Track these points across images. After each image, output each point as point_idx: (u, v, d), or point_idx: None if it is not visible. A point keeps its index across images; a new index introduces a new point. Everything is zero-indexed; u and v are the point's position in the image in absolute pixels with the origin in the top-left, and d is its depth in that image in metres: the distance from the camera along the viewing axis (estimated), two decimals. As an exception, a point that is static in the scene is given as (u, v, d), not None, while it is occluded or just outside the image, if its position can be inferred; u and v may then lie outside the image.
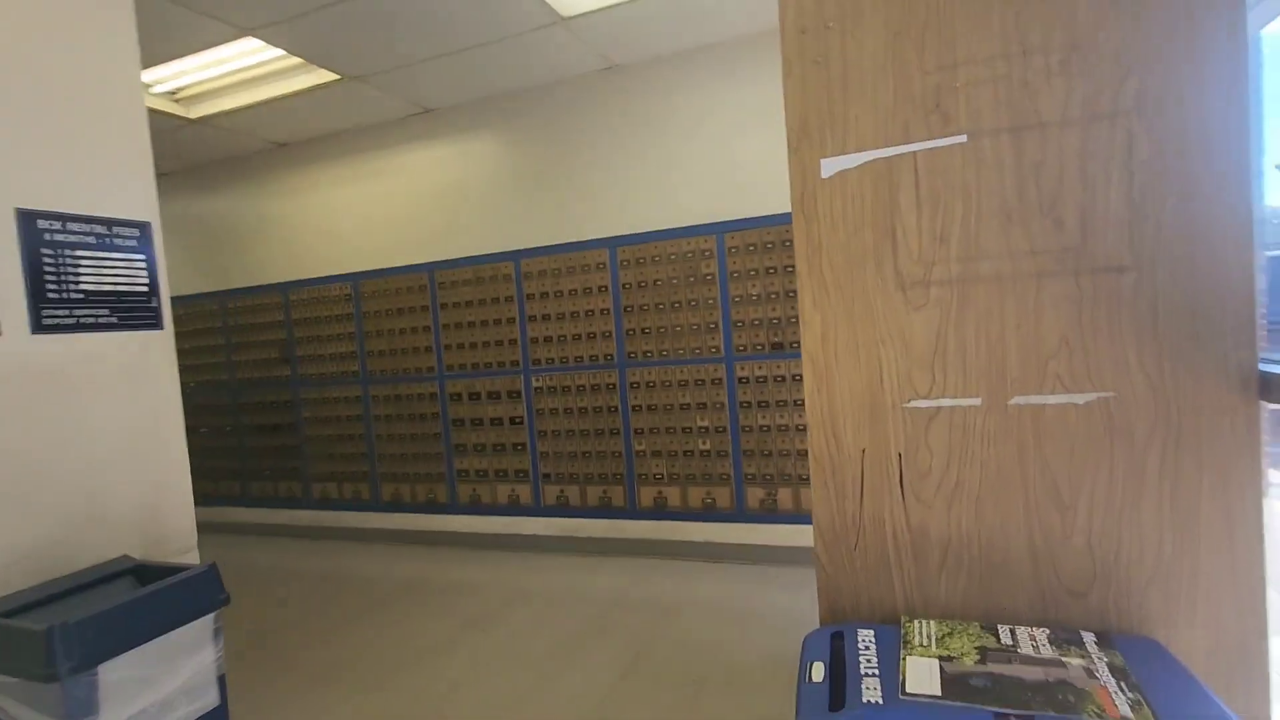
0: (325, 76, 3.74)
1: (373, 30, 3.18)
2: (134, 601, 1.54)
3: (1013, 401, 1.05)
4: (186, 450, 2.08)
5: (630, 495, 3.91)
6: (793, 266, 3.44)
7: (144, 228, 1.99)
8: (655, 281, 3.76)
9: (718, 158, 3.63)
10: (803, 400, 3.55)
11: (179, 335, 5.40)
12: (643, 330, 3.80)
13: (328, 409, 4.74)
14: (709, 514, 3.74)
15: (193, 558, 2.06)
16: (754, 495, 3.65)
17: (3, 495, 1.65)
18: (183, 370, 5.31)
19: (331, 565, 4.25)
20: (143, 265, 1.98)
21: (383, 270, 4.48)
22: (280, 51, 3.52)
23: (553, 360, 4.01)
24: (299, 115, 4.22)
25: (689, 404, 3.73)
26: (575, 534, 4.05)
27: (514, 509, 4.21)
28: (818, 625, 1.27)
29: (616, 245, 3.83)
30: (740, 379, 3.62)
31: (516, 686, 2.57)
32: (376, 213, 4.53)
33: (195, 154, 4.88)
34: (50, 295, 1.77)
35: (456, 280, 4.24)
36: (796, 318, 3.55)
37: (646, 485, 3.86)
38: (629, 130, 3.80)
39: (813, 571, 1.22)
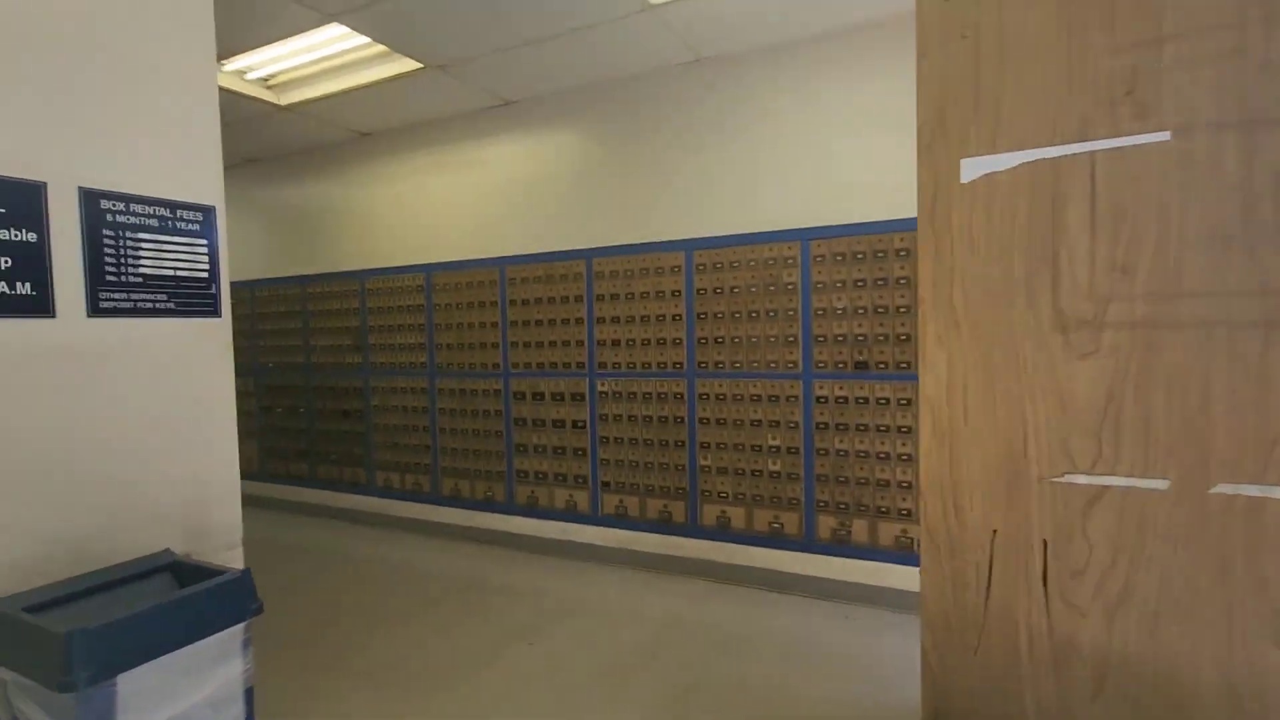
0: (408, 65, 3.70)
1: (456, 17, 3.09)
2: (160, 608, 1.46)
3: (1216, 490, 0.79)
4: (236, 444, 2.01)
5: (692, 512, 3.70)
6: (886, 280, 3.14)
7: (208, 212, 1.94)
8: (732, 288, 3.52)
9: (806, 159, 3.37)
10: (887, 426, 3.26)
11: (262, 317, 5.61)
12: (715, 339, 3.58)
13: (395, 398, 4.74)
14: (775, 539, 3.49)
15: (237, 554, 2.00)
16: (825, 524, 3.37)
17: (48, 482, 1.60)
18: (263, 351, 5.49)
19: (388, 554, 4.24)
20: (204, 250, 1.93)
21: (455, 263, 4.43)
22: (365, 39, 3.49)
23: (619, 365, 3.85)
24: (382, 105, 4.22)
25: (760, 420, 3.48)
26: (632, 547, 3.88)
27: (571, 515, 4.07)
28: (899, 692, 1.03)
29: (693, 248, 3.62)
30: (818, 398, 3.34)
31: (557, 710, 2.42)
32: (452, 205, 4.49)
33: (285, 141, 4.99)
34: (109, 278, 1.72)
35: (527, 277, 4.14)
36: (885, 336, 3.26)
37: (710, 503, 3.64)
38: (713, 127, 3.58)
39: (892, 616, 0.98)
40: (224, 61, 3.73)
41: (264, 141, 5.00)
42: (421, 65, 3.67)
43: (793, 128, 3.39)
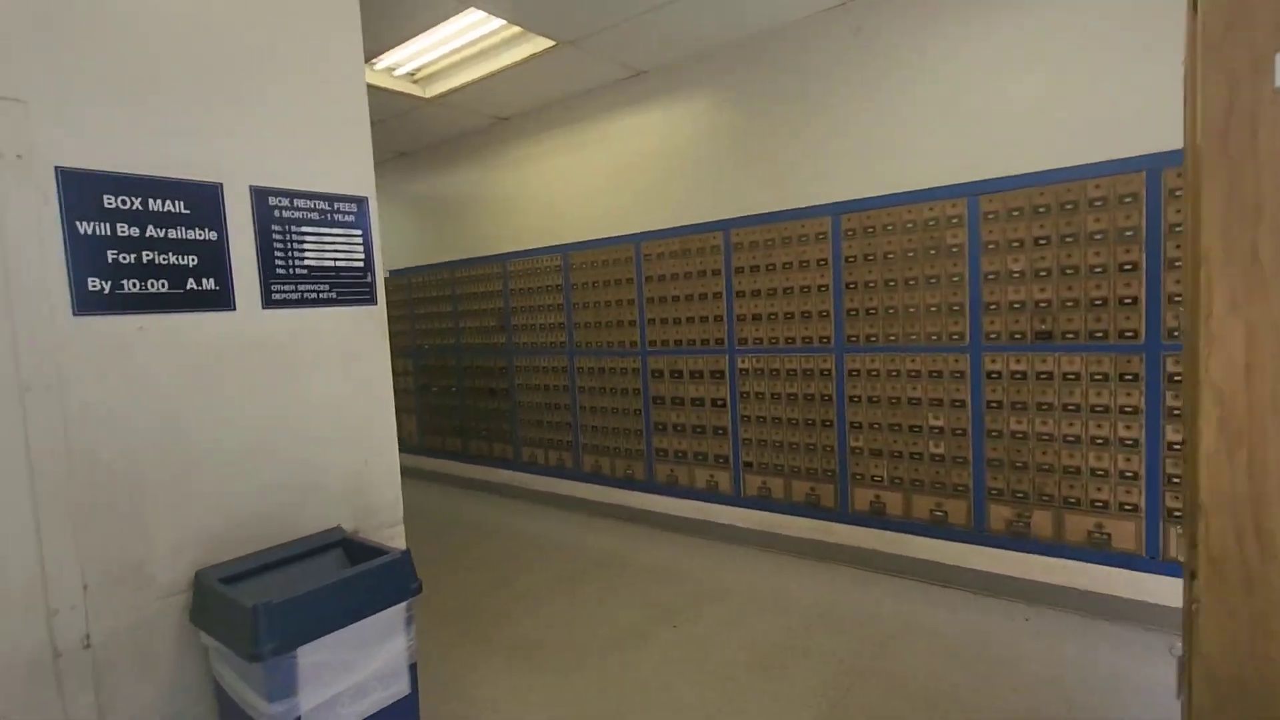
0: (541, 44, 3.69)
1: (586, -13, 3.02)
2: (334, 585, 1.52)
3: None
4: (394, 425, 2.09)
5: (842, 496, 3.46)
6: (1075, 236, 2.71)
7: (361, 203, 2.00)
8: (886, 254, 3.21)
9: (973, 103, 2.96)
10: (1077, 405, 2.83)
11: (417, 301, 5.98)
12: (867, 311, 3.29)
13: (537, 377, 4.87)
14: (938, 529, 3.18)
15: (398, 532, 2.09)
16: (999, 514, 3.01)
17: (233, 464, 1.74)
18: (419, 334, 5.86)
19: (534, 528, 4.39)
20: (359, 240, 2.00)
21: (591, 241, 4.43)
22: (500, 21, 3.52)
23: (761, 340, 3.66)
24: (518, 87, 4.26)
25: (919, 399, 3.17)
26: (777, 530, 3.72)
27: (712, 495, 3.98)
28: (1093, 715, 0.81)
29: (840, 212, 3.33)
30: (990, 373, 2.97)
31: (705, 702, 2.34)
32: (587, 183, 4.48)
33: (432, 133, 5.22)
34: (279, 271, 1.82)
35: (663, 252, 4.05)
36: (1074, 301, 2.82)
37: (862, 486, 3.39)
38: (861, 77, 3.25)
39: (1079, 621, 0.76)
40: (374, 60, 3.92)
41: (413, 135, 5.26)
42: (554, 43, 3.64)
43: (956, 68, 2.99)
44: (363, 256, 2.01)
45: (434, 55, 3.98)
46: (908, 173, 3.14)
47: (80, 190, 1.49)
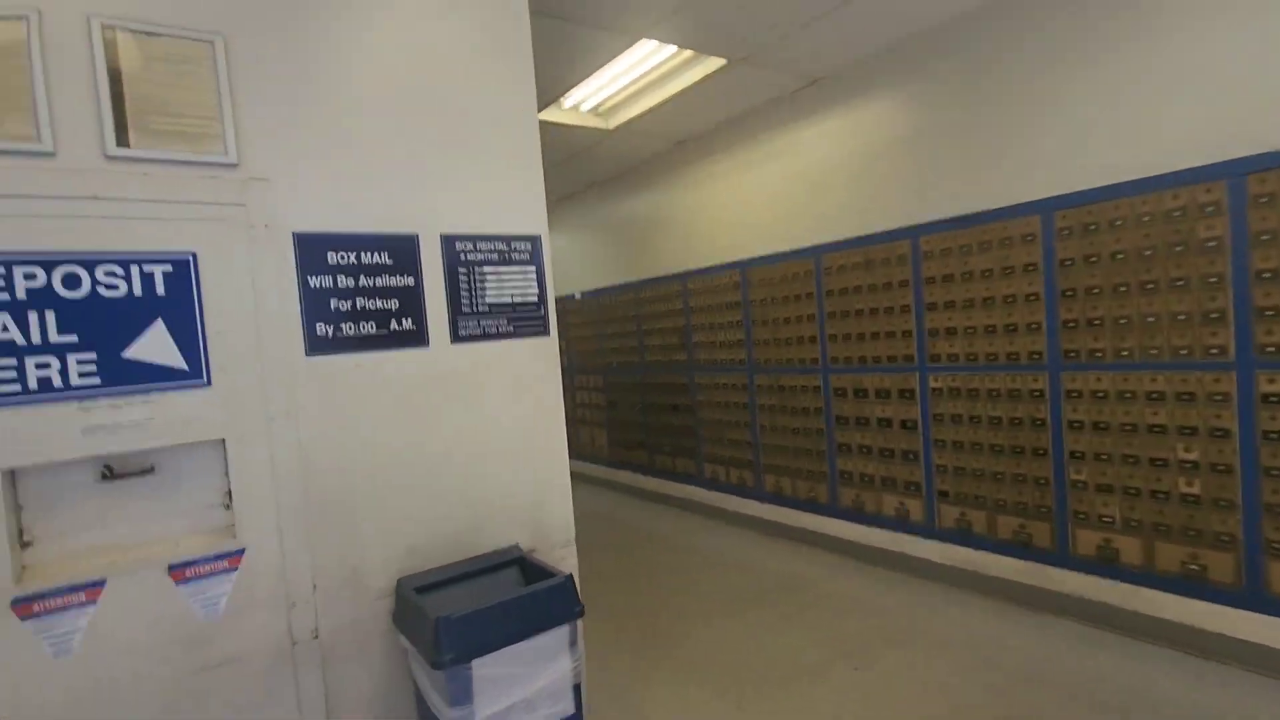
0: (714, 64, 3.71)
1: (752, 3, 2.97)
2: (509, 603, 1.64)
3: None
4: (566, 449, 2.21)
5: (1061, 536, 2.99)
6: (1396, 220, 2.09)
7: (535, 240, 2.15)
8: (1114, 255, 2.73)
9: (1231, 60, 2.41)
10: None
11: (606, 321, 6.31)
12: (1090, 322, 2.82)
13: (718, 394, 4.87)
14: (1193, 585, 2.61)
15: (570, 552, 2.20)
16: (1283, 573, 2.40)
17: (427, 484, 1.95)
18: (608, 352, 6.17)
19: (713, 545, 4.37)
20: (533, 276, 2.14)
21: (769, 256, 4.34)
22: (671, 48, 3.60)
23: (956, 357, 3.31)
24: (693, 109, 4.32)
25: (1164, 426, 2.64)
26: (978, 569, 3.31)
27: (902, 524, 3.66)
28: None
29: (1053, 209, 2.90)
30: (1267, 396, 2.39)
31: (890, 760, 2.14)
32: (765, 197, 4.40)
33: (615, 162, 5.49)
34: (464, 309, 2.02)
35: (844, 264, 3.83)
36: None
37: (1086, 528, 2.90)
38: (1071, 48, 2.81)
39: None
40: (561, 99, 4.22)
41: (601, 165, 5.57)
42: (726, 61, 3.64)
43: (1205, 16, 2.47)
44: (536, 291, 2.15)
45: (614, 88, 4.18)
46: (1140, 156, 2.65)
47: (311, 250, 1.78)
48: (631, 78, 4.03)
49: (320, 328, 1.79)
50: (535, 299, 2.15)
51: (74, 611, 1.49)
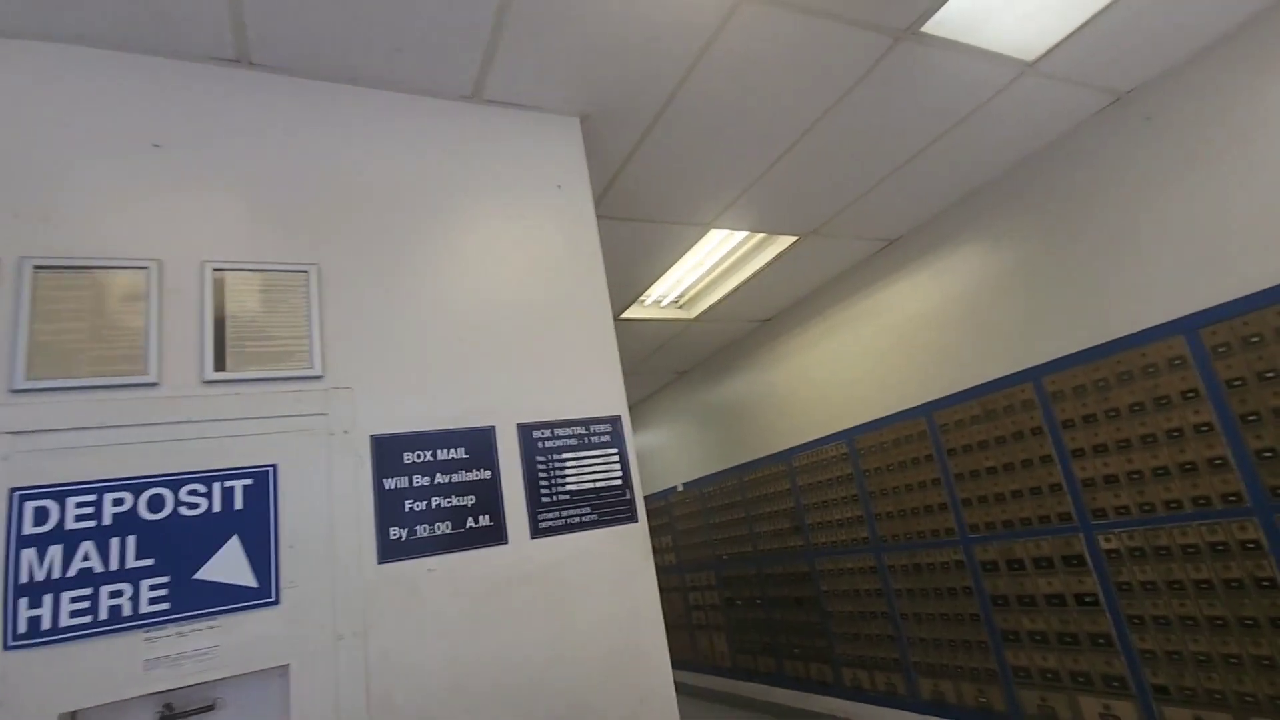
0: (784, 242, 3.80)
1: (816, 181, 3.06)
2: None
3: None
4: (668, 655, 1.89)
5: (1356, 745, 2.19)
6: None
7: (614, 421, 2.05)
8: (1295, 366, 2.30)
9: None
10: None
11: (710, 511, 5.98)
12: (1292, 448, 2.31)
13: (844, 581, 4.31)
14: None
15: (682, 791, 1.78)
16: None
17: (512, 705, 1.68)
18: (716, 544, 5.76)
19: (872, 780, 3.56)
20: (615, 458, 2.01)
21: (875, 422, 4.05)
22: (742, 233, 3.73)
23: (1126, 509, 2.77)
24: (771, 286, 4.38)
25: None
26: (1246, 800, 2.45)
27: (1115, 737, 2.85)
28: None
29: (1197, 327, 2.55)
30: None
31: None
32: (858, 362, 4.22)
33: (701, 349, 5.57)
34: (543, 499, 1.89)
35: (961, 419, 3.48)
36: None
37: (1392, 729, 2.12)
38: (1171, 159, 2.65)
39: None
40: (642, 297, 4.40)
41: (686, 354, 5.66)
42: (796, 237, 3.72)
43: (1320, 113, 2.26)
44: (620, 474, 2.01)
45: (692, 278, 4.34)
46: (1290, 255, 2.32)
47: (387, 452, 1.75)
48: (707, 267, 4.18)
49: (394, 531, 1.70)
50: (619, 482, 1.99)
51: None
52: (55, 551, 1.42)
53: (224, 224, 1.77)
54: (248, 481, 1.60)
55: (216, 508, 1.56)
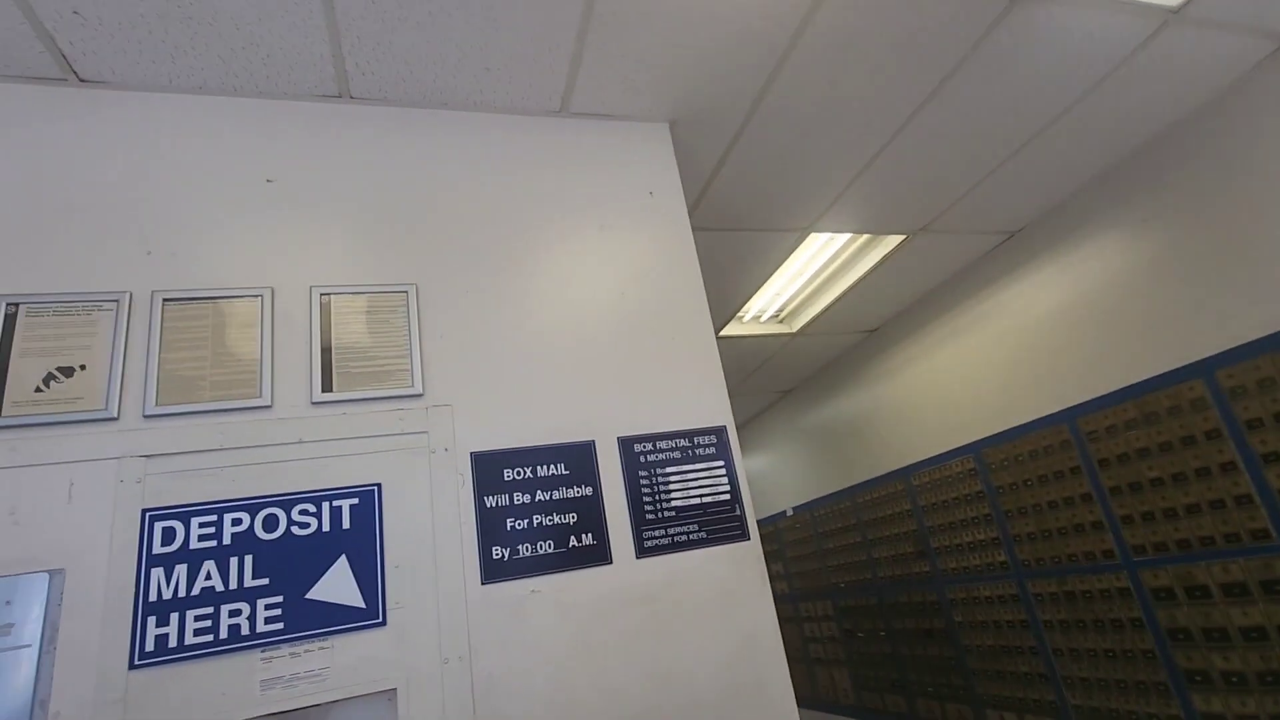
0: (891, 242, 3.56)
1: (921, 171, 2.84)
2: None
3: None
4: (790, 688, 1.71)
5: None
6: None
7: (719, 432, 1.92)
8: None
9: None
10: None
11: (824, 535, 5.64)
12: None
13: (981, 611, 3.89)
14: None
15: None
16: None
17: (622, 739, 1.56)
18: (831, 570, 5.41)
19: (1033, 840, 3.12)
20: (722, 472, 1.88)
21: (1006, 433, 3.67)
22: (845, 236, 3.53)
23: (1343, 524, 2.31)
24: (878, 292, 4.12)
25: None
26: None
27: (1351, 805, 2.34)
28: None
29: None
30: None
31: None
32: (981, 369, 3.86)
33: (805, 365, 5.32)
34: (648, 517, 1.78)
35: (1113, 424, 3.07)
36: None
37: None
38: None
39: None
40: (741, 313, 4.26)
41: (791, 371, 5.43)
42: (904, 236, 3.47)
43: None
44: (728, 488, 1.87)
45: (792, 290, 4.16)
46: None
47: (487, 469, 1.71)
48: (807, 276, 3.99)
49: (496, 551, 1.64)
50: (728, 496, 1.86)
51: None
52: (181, 570, 1.46)
53: (330, 250, 1.82)
54: (354, 501, 1.60)
55: (325, 527, 1.56)
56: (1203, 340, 2.72)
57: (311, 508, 1.57)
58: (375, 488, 1.62)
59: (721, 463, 1.89)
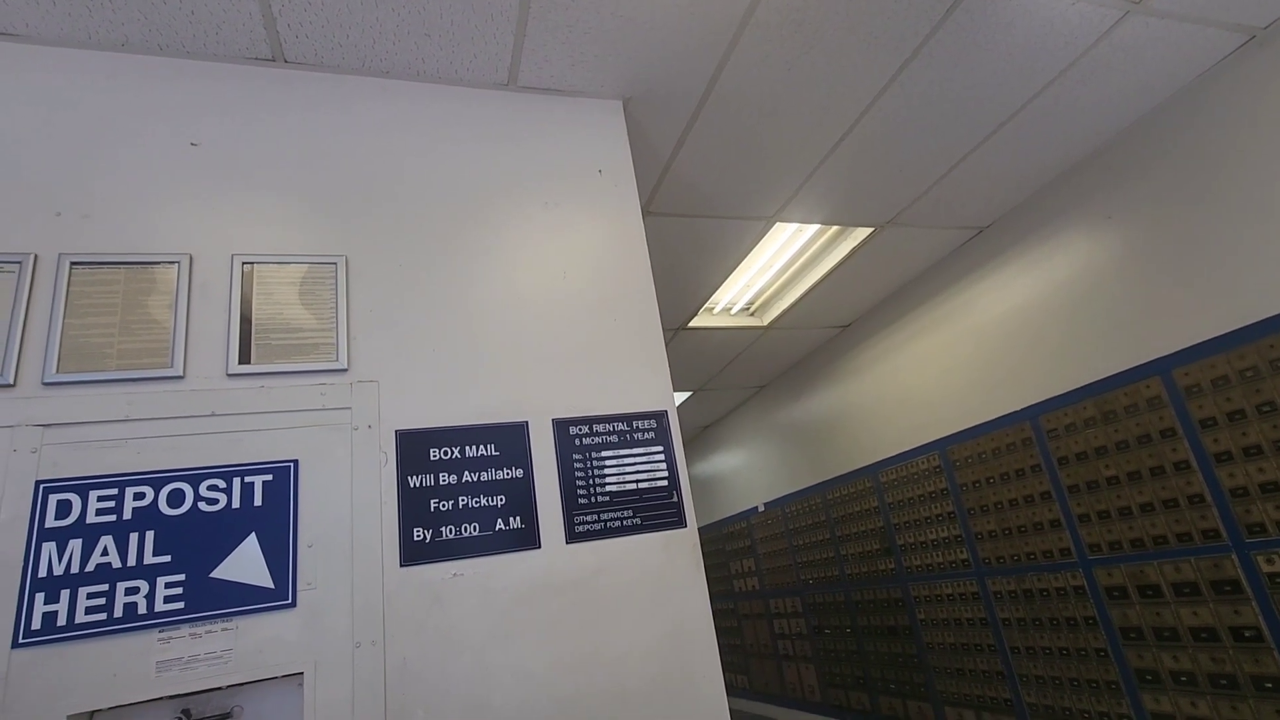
0: (859, 235, 3.52)
1: (889, 159, 2.80)
2: None
3: None
4: (721, 681, 1.66)
5: None
6: None
7: (660, 416, 1.87)
8: None
9: None
10: None
11: (794, 532, 5.62)
12: None
13: (943, 609, 3.88)
14: None
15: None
16: None
17: (541, 714, 1.51)
18: (800, 567, 5.39)
19: (984, 838, 3.11)
20: (661, 457, 1.83)
21: (969, 430, 3.65)
22: (813, 227, 3.49)
23: (1292, 524, 2.29)
24: (849, 287, 4.08)
25: None
26: None
27: (1293, 805, 2.33)
28: None
29: (1374, 297, 2.09)
30: None
31: None
32: (948, 366, 3.84)
33: (780, 359, 5.28)
34: (580, 501, 1.73)
35: (1073, 422, 3.06)
36: None
37: None
38: (1327, 108, 2.22)
39: None
40: (710, 303, 4.21)
41: (763, 366, 5.39)
42: (872, 229, 3.43)
43: None
44: (666, 474, 1.82)
45: (762, 282, 4.12)
46: None
47: (413, 448, 1.65)
48: (777, 268, 3.95)
49: (418, 533, 1.58)
50: (665, 482, 1.80)
51: None
52: (75, 545, 1.39)
53: (256, 218, 1.75)
54: (267, 477, 1.53)
55: (236, 504, 1.49)
56: (1162, 338, 2.70)
57: (221, 483, 1.50)
58: (291, 464, 1.56)
59: (660, 448, 1.84)
